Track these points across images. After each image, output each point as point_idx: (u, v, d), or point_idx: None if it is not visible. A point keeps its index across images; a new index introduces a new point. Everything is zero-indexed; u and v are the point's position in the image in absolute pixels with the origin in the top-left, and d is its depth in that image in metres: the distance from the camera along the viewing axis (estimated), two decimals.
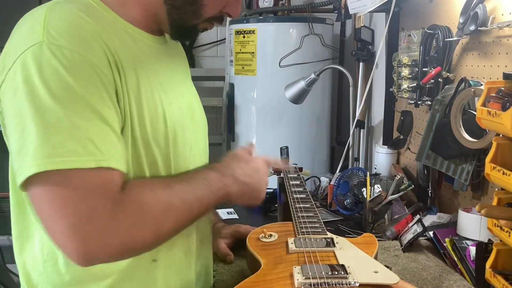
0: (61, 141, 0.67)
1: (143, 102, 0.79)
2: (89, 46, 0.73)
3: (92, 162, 0.68)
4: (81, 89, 0.69)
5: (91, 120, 0.70)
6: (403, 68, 1.60)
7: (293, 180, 1.32)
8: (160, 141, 0.82)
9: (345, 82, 2.56)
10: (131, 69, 0.78)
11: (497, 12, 1.21)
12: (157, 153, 0.82)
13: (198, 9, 0.84)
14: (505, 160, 0.92)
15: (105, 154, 0.70)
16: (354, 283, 0.80)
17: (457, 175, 1.34)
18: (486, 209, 0.88)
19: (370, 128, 2.25)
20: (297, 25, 2.32)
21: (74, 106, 0.69)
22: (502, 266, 0.94)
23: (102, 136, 0.70)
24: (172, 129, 0.85)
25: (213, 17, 0.88)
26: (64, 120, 0.67)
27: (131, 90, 0.78)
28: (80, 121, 0.68)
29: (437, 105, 1.41)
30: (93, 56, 0.72)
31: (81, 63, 0.71)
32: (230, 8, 0.88)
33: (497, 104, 0.90)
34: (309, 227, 1.04)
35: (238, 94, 2.49)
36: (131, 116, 0.77)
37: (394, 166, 1.78)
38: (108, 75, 0.74)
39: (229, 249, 1.18)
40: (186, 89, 0.97)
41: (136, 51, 0.82)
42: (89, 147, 0.68)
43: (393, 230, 1.34)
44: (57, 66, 0.69)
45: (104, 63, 0.74)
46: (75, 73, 0.70)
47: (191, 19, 0.85)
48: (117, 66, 0.76)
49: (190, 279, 0.94)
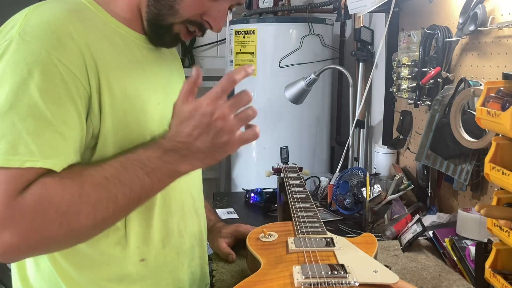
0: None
1: (126, 103, 0.79)
2: (61, 45, 0.72)
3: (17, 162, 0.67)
4: (35, 87, 0.69)
5: (32, 118, 0.69)
6: (403, 68, 1.61)
7: (293, 180, 1.33)
8: (146, 138, 0.81)
9: (345, 82, 2.56)
10: (116, 70, 0.78)
11: (496, 12, 1.22)
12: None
13: (174, 3, 0.82)
14: (505, 160, 0.92)
15: (35, 154, 0.68)
16: (353, 283, 0.80)
17: (456, 175, 1.34)
18: (486, 209, 0.88)
19: (369, 128, 2.25)
20: (297, 25, 2.32)
21: (19, 104, 0.68)
22: (501, 266, 0.94)
23: (39, 135, 0.69)
24: (158, 127, 0.83)
25: (191, 20, 0.85)
26: (5, 118, 0.68)
27: (113, 90, 0.77)
28: (18, 119, 0.68)
29: (436, 105, 1.41)
30: (63, 55, 0.72)
31: (44, 60, 0.70)
32: (211, 18, 0.85)
33: (496, 104, 0.91)
34: (309, 226, 1.04)
35: None
36: (112, 115, 0.77)
37: (393, 166, 1.78)
38: (79, 75, 0.73)
39: (230, 248, 1.18)
40: (178, 88, 0.97)
41: (125, 50, 0.83)
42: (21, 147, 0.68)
43: (392, 230, 1.34)
44: (18, 61, 0.69)
45: (76, 63, 0.73)
46: (36, 70, 0.69)
47: (167, 14, 0.83)
48: (97, 67, 0.75)
49: (182, 279, 0.94)
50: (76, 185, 0.70)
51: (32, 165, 0.68)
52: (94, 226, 0.72)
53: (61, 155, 0.71)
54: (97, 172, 0.72)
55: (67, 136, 0.72)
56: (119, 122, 0.78)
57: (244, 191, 1.79)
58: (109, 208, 0.72)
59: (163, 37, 0.88)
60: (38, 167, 0.68)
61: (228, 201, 1.78)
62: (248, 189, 1.76)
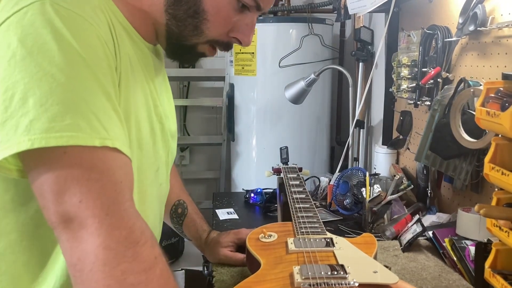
0: (60, 112, 0.57)
1: (131, 95, 0.73)
2: (96, 15, 0.65)
3: (96, 140, 0.59)
4: (88, 57, 0.61)
5: (96, 93, 0.61)
6: (403, 68, 1.61)
7: (292, 180, 1.33)
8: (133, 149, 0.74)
9: (345, 82, 2.56)
10: (131, 69, 0.73)
11: (496, 12, 1.22)
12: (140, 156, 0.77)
13: (199, 24, 0.75)
14: (504, 160, 0.92)
15: (110, 133, 0.61)
16: (353, 283, 0.80)
17: (456, 175, 1.34)
18: (485, 209, 0.88)
19: (369, 128, 2.25)
20: (297, 26, 2.32)
21: (78, 74, 0.59)
22: (501, 266, 0.95)
23: (107, 113, 0.61)
24: (146, 135, 0.78)
25: (217, 40, 0.79)
26: (65, 88, 0.58)
27: (127, 85, 0.71)
28: (83, 92, 0.59)
29: (436, 105, 1.41)
30: (100, 26, 0.64)
31: (87, 31, 0.62)
32: (240, 34, 0.79)
33: (496, 104, 0.91)
34: (309, 227, 1.04)
35: (238, 94, 2.50)
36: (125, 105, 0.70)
37: (393, 166, 1.78)
38: (112, 51, 0.66)
39: (237, 253, 1.14)
40: (170, 107, 0.93)
41: (135, 49, 0.77)
42: (94, 122, 0.59)
43: (392, 230, 1.34)
44: (60, 28, 0.59)
45: (109, 38, 0.66)
46: (81, 40, 0.61)
47: (191, 35, 0.77)
48: (118, 47, 0.69)
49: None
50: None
51: (112, 145, 0.60)
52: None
53: (125, 138, 0.65)
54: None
55: (122, 119, 0.66)
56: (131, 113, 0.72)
57: (244, 191, 1.79)
58: None
59: (180, 55, 0.83)
60: (113, 147, 0.61)
61: (228, 201, 1.78)
62: (248, 189, 1.76)
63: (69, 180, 0.58)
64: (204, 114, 3.03)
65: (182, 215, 1.16)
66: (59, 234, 0.60)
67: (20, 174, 0.63)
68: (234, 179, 2.67)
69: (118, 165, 0.62)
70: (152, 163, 0.81)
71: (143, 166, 0.78)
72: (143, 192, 0.80)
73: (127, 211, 0.62)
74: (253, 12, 0.79)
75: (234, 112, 2.52)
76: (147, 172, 0.80)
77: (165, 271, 0.63)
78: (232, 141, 2.62)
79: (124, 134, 0.65)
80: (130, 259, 0.59)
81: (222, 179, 2.86)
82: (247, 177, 2.52)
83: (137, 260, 0.60)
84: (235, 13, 0.77)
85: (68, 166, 0.58)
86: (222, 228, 1.46)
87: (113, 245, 0.58)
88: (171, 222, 1.16)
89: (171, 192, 1.12)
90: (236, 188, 2.62)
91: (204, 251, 1.18)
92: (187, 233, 1.18)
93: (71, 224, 0.58)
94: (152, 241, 0.63)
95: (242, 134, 2.52)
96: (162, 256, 0.64)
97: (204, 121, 3.04)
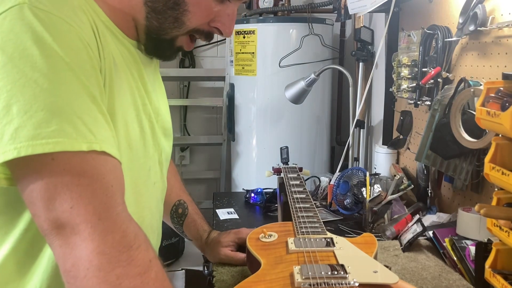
0: (45, 118, 0.56)
1: (121, 94, 0.73)
2: (77, 16, 0.64)
3: (83, 145, 0.58)
4: (70, 61, 0.60)
5: (81, 97, 0.60)
6: (403, 68, 1.61)
7: (293, 180, 1.33)
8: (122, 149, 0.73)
9: (345, 82, 2.56)
10: (116, 66, 0.72)
11: (496, 12, 1.22)
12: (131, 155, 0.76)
13: (180, 15, 0.74)
14: (504, 160, 0.92)
15: (97, 136, 0.60)
16: (353, 283, 0.80)
17: (456, 175, 1.34)
18: (485, 209, 0.88)
19: (370, 128, 2.25)
20: (297, 26, 2.32)
21: (61, 78, 0.59)
22: (501, 266, 0.95)
23: (93, 116, 0.61)
24: (136, 134, 0.77)
25: (198, 29, 0.78)
26: (49, 93, 0.57)
27: (111, 79, 0.70)
28: (68, 96, 0.58)
29: (436, 105, 1.41)
30: (81, 28, 0.63)
31: (69, 33, 0.61)
32: (220, 24, 0.78)
33: (496, 104, 0.91)
34: (309, 227, 1.04)
35: (238, 94, 2.50)
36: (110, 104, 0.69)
37: (393, 166, 1.78)
38: (95, 52, 0.65)
39: (238, 252, 1.14)
40: (163, 104, 0.91)
41: (120, 47, 0.75)
42: (80, 126, 0.59)
43: (392, 230, 1.34)
44: (40, 32, 0.59)
45: (92, 39, 0.65)
46: (63, 43, 0.60)
47: (171, 27, 0.76)
48: (101, 47, 0.68)
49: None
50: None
51: (100, 149, 0.60)
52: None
53: (113, 140, 0.64)
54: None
55: (109, 120, 0.65)
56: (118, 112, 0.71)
57: (244, 191, 1.79)
58: None
59: (163, 51, 0.81)
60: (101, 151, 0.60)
61: (228, 201, 1.78)
62: (248, 189, 1.76)
63: (59, 187, 0.58)
64: (204, 114, 3.03)
65: (182, 215, 1.16)
66: (52, 241, 0.59)
67: (8, 182, 0.62)
68: (234, 179, 2.67)
69: (108, 169, 0.62)
70: (143, 162, 0.81)
71: (134, 166, 0.77)
72: (138, 192, 0.80)
73: (119, 215, 0.61)
74: (233, 3, 0.79)
75: (234, 112, 2.52)
76: (139, 171, 0.80)
77: (160, 274, 0.63)
78: (232, 141, 2.62)
79: (112, 136, 0.64)
80: (124, 264, 0.59)
81: (223, 179, 2.86)
82: (247, 177, 2.52)
83: (131, 264, 0.59)
84: (215, 3, 0.77)
85: (57, 173, 0.58)
86: (223, 228, 1.46)
87: (107, 250, 0.58)
88: (171, 222, 1.16)
89: (172, 192, 1.11)
90: (236, 188, 2.62)
91: (204, 251, 1.18)
92: (187, 233, 1.18)
93: (63, 230, 0.58)
94: (146, 244, 0.63)
95: (242, 134, 2.52)
96: (156, 259, 0.64)
97: (204, 121, 3.04)
